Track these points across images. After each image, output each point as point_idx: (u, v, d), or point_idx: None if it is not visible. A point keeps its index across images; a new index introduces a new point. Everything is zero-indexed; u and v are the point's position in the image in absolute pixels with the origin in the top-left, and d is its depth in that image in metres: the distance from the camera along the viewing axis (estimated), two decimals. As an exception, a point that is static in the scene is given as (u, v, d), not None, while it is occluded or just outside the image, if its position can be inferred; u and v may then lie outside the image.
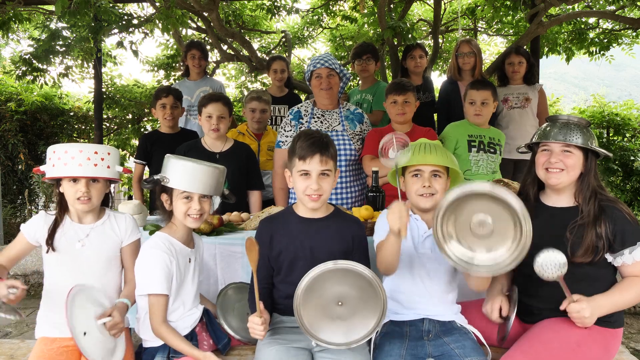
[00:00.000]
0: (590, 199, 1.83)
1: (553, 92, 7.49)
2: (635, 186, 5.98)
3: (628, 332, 3.59)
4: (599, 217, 1.79)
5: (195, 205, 1.88)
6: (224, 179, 2.00)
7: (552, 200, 1.95)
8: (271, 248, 1.91)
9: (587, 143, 1.83)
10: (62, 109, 6.69)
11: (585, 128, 1.88)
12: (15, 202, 6.27)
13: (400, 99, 3.01)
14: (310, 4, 7.51)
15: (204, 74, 4.51)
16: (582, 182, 1.86)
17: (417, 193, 1.92)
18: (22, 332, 3.65)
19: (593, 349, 1.76)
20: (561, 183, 1.87)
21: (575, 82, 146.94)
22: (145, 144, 3.66)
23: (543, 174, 1.90)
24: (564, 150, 1.86)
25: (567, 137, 1.84)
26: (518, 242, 1.61)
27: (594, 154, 1.87)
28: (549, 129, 1.90)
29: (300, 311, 1.69)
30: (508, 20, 6.36)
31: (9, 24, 4.90)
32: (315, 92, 3.05)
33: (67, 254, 1.90)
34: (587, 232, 1.79)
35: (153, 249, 1.86)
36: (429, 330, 1.90)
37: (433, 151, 1.92)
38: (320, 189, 1.85)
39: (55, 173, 1.87)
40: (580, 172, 1.87)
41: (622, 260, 1.78)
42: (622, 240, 1.77)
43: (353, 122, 3.07)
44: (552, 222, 1.88)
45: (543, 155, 1.90)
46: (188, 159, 1.91)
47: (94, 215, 1.99)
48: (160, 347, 1.85)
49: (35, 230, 1.91)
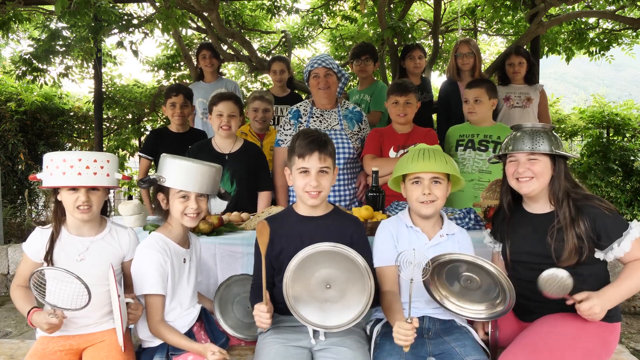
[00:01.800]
0: (563, 201, 1.86)
1: (553, 92, 7.48)
2: (635, 186, 5.98)
3: (628, 332, 3.59)
4: (576, 218, 1.81)
5: (193, 204, 1.88)
6: (220, 177, 2.00)
7: (532, 207, 1.98)
8: (272, 247, 1.92)
9: (551, 149, 1.86)
10: (62, 109, 6.69)
11: (550, 132, 1.90)
12: (15, 202, 6.26)
13: (402, 99, 3.01)
14: (310, 4, 7.51)
15: (218, 74, 4.54)
16: (553, 185, 1.89)
17: (417, 200, 1.93)
18: (22, 332, 3.66)
19: (591, 343, 1.77)
20: (533, 191, 1.89)
21: (575, 82, 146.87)
22: (154, 139, 3.67)
23: (515, 183, 1.93)
24: (530, 159, 1.88)
25: (533, 144, 1.86)
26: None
27: (561, 156, 1.89)
28: (514, 139, 1.93)
29: (289, 289, 1.74)
30: (508, 20, 6.35)
31: (9, 24, 4.90)
32: (313, 92, 3.06)
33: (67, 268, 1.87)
34: (568, 235, 1.81)
35: (147, 249, 1.86)
36: (429, 329, 1.90)
37: (432, 157, 1.92)
38: (319, 186, 1.88)
39: (53, 182, 1.81)
40: (551, 176, 1.89)
41: (613, 255, 1.80)
42: (607, 236, 1.80)
43: (352, 121, 3.08)
44: (534, 229, 1.92)
45: (511, 166, 1.94)
46: (184, 158, 1.91)
47: (93, 226, 1.93)
48: (159, 346, 1.85)
49: (37, 249, 1.86)
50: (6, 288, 4.66)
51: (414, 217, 2.03)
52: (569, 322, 1.80)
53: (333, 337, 1.87)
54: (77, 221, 1.89)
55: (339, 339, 1.86)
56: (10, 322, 3.87)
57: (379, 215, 2.46)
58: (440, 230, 1.99)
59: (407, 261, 1.68)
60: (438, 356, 1.81)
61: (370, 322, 2.03)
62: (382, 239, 2.02)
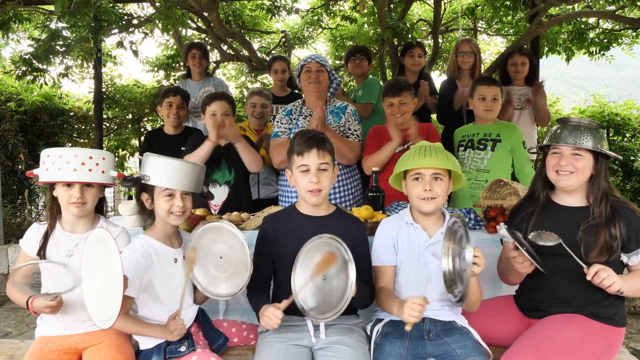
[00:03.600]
0: (602, 200, 1.86)
1: (553, 92, 7.48)
2: (635, 186, 5.98)
3: (628, 332, 3.59)
4: (612, 219, 1.82)
5: (178, 202, 1.87)
6: (203, 176, 2.00)
7: (564, 200, 1.96)
8: (275, 245, 1.94)
9: (597, 146, 1.85)
10: (62, 109, 6.68)
11: (596, 130, 1.89)
12: (15, 202, 6.26)
13: (396, 100, 3.00)
14: (310, 4, 7.51)
15: (206, 74, 4.52)
16: (593, 184, 1.89)
17: (418, 197, 1.92)
18: (22, 332, 3.66)
19: (596, 345, 1.77)
20: (571, 185, 1.89)
21: (575, 82, 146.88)
22: (150, 141, 3.69)
23: (554, 176, 1.92)
24: (574, 154, 1.87)
25: (578, 140, 1.85)
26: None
27: (604, 156, 1.89)
28: (559, 132, 1.91)
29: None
30: (508, 20, 6.35)
31: (9, 24, 4.90)
32: (304, 87, 3.06)
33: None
34: (600, 233, 1.81)
35: (129, 250, 1.86)
36: (429, 330, 1.90)
37: (433, 154, 1.91)
38: (319, 182, 1.90)
39: (48, 177, 1.85)
40: (590, 174, 1.89)
41: (637, 259, 1.82)
42: (637, 240, 1.81)
43: (338, 115, 3.07)
44: (564, 221, 1.90)
45: (553, 158, 1.92)
46: (168, 157, 1.89)
47: (87, 223, 1.96)
48: (154, 348, 1.83)
49: (32, 243, 1.90)
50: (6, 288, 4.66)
51: (415, 214, 2.02)
52: (575, 324, 1.80)
53: (333, 335, 1.87)
54: (71, 217, 1.92)
55: (340, 337, 1.86)
56: (10, 322, 3.87)
57: (379, 215, 2.45)
58: (442, 228, 1.98)
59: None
60: (438, 357, 1.80)
61: (370, 322, 2.03)
62: (380, 239, 2.03)
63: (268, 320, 1.75)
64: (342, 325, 1.93)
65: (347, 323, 1.95)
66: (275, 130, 3.13)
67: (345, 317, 1.95)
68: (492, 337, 1.97)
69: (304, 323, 1.92)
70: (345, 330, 1.90)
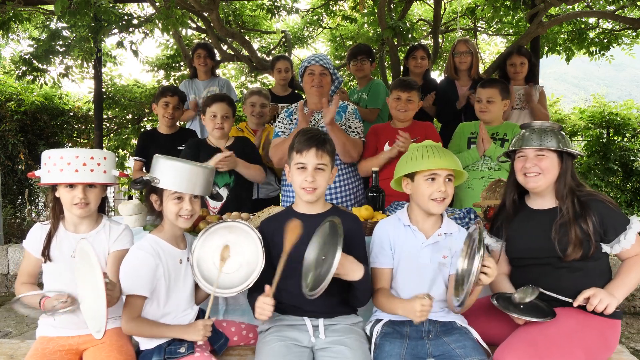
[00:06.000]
0: (567, 197, 1.92)
1: (553, 92, 7.48)
2: (635, 186, 5.98)
3: (628, 332, 3.59)
4: (582, 214, 1.87)
5: (187, 205, 1.87)
6: (213, 178, 2.00)
7: (537, 203, 2.02)
8: (273, 246, 1.93)
9: (559, 145, 1.91)
10: (62, 109, 6.69)
11: (558, 131, 1.97)
12: (15, 202, 6.27)
13: (404, 95, 3.01)
14: (310, 4, 7.52)
15: (212, 74, 4.55)
16: (559, 182, 1.95)
17: (430, 197, 1.90)
18: (22, 332, 3.66)
19: (589, 337, 1.79)
20: (539, 186, 1.95)
21: (575, 82, 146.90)
22: (144, 141, 3.68)
23: (522, 178, 1.99)
24: (538, 155, 1.94)
25: (542, 141, 1.93)
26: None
27: (568, 155, 1.95)
28: (523, 136, 1.99)
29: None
30: (508, 20, 6.36)
31: (9, 24, 4.91)
32: (306, 89, 3.06)
33: (63, 264, 1.88)
34: (570, 229, 1.86)
35: (139, 250, 1.85)
36: (429, 330, 1.90)
37: (443, 155, 1.92)
38: (315, 182, 1.90)
39: (51, 179, 1.83)
40: (557, 173, 1.94)
41: (620, 247, 1.86)
42: (614, 229, 1.87)
43: (339, 113, 3.06)
44: (538, 224, 1.96)
45: (520, 162, 2.00)
46: (178, 159, 1.90)
47: (90, 223, 1.95)
48: (155, 348, 1.84)
49: (36, 244, 1.89)
50: (6, 288, 4.67)
51: (413, 215, 2.02)
52: (569, 317, 1.82)
53: (333, 336, 1.87)
54: (74, 218, 1.92)
55: (340, 337, 1.86)
56: (10, 322, 3.87)
57: (379, 215, 2.45)
58: (439, 229, 1.98)
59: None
60: (438, 357, 1.81)
61: (370, 322, 2.03)
62: (377, 242, 2.02)
63: (261, 311, 1.75)
64: (341, 325, 1.93)
65: (346, 323, 1.95)
66: (276, 130, 3.14)
67: (344, 317, 1.95)
68: (492, 337, 1.96)
69: (303, 323, 1.91)
70: (345, 331, 1.90)
